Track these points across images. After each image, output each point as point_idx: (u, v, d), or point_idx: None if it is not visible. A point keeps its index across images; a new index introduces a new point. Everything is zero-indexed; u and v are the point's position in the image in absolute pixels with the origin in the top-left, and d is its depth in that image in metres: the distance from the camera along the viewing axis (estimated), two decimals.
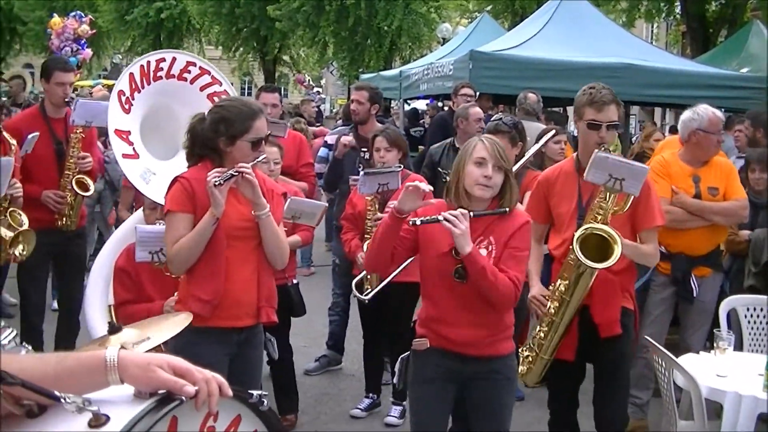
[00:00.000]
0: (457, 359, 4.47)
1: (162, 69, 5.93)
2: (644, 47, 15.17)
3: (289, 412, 6.68)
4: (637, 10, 24.01)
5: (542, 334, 5.13)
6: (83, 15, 25.84)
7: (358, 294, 6.54)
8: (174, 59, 6.00)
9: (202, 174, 4.53)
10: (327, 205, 6.96)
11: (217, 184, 4.37)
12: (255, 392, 2.19)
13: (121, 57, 47.11)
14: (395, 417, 6.87)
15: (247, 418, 2.21)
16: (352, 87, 9.22)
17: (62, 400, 1.85)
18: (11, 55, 45.62)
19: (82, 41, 25.25)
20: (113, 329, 3.05)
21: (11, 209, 6.41)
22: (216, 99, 5.84)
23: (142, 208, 6.00)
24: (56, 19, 26.16)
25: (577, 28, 13.74)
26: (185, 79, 6.03)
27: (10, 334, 3.68)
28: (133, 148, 5.80)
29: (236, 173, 4.43)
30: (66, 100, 7.10)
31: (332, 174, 7.92)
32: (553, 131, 6.82)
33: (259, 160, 4.62)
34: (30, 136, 6.86)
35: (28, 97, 16.14)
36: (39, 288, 7.44)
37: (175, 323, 3.52)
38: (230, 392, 2.01)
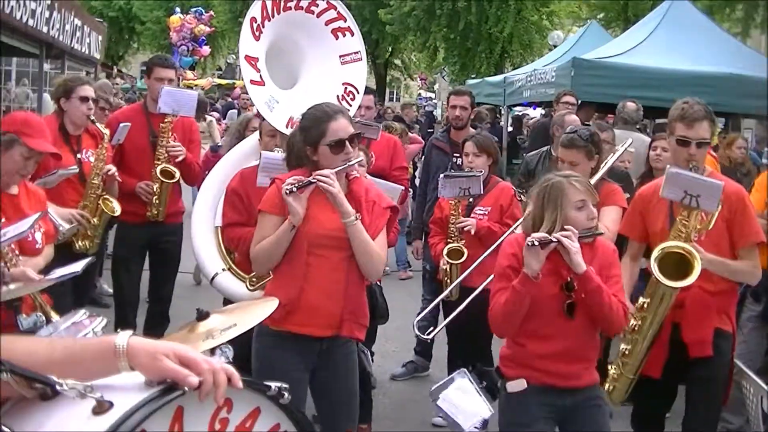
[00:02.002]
0: (557, 394, 4.36)
1: (292, 0, 5.95)
2: (757, 58, 14.57)
3: (362, 420, 6.60)
4: (752, 20, 23.25)
5: (626, 352, 4.97)
6: (203, 11, 26.35)
7: (418, 333, 6.43)
8: None
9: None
10: (403, 188, 6.83)
11: (288, 191, 4.27)
12: (274, 384, 2.12)
13: (235, 57, 47.92)
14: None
15: (268, 411, 2.14)
16: (450, 92, 9.10)
17: (57, 386, 1.84)
18: (129, 53, 46.89)
19: (201, 39, 25.77)
20: (201, 315, 3.01)
21: (104, 197, 6.53)
22: (340, 34, 5.98)
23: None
24: (175, 17, 26.78)
25: (684, 35, 13.35)
26: (312, 12, 6.04)
27: (100, 323, 3.74)
28: (260, 75, 5.84)
29: (312, 181, 4.31)
30: None
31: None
32: (630, 141, 6.61)
33: (350, 163, 4.44)
34: (121, 126, 7.00)
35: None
36: (133, 280, 7.54)
37: (263, 310, 3.41)
38: (240, 384, 1.96)
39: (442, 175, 6.44)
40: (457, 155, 7.23)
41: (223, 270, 5.86)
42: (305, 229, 4.40)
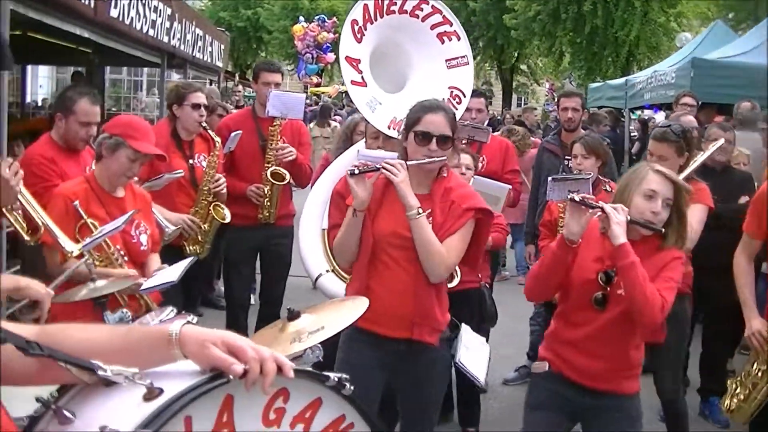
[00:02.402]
0: (575, 389, 4.20)
1: (395, 3, 5.97)
2: None
3: (470, 424, 6.55)
4: None
5: (759, 373, 4.74)
6: (326, 19, 26.64)
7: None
8: None
9: None
10: (510, 187, 6.74)
11: (351, 173, 4.20)
12: (334, 374, 2.09)
13: None
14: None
15: (330, 401, 2.12)
16: (560, 94, 8.97)
17: (100, 371, 1.88)
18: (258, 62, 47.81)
19: (325, 46, 26.01)
20: (292, 315, 3.03)
21: (215, 203, 6.66)
22: (446, 39, 5.96)
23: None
24: (298, 26, 27.16)
25: None
26: (417, 17, 6.05)
27: (191, 320, 3.80)
28: (362, 77, 5.87)
29: (378, 167, 4.19)
30: None
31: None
32: (720, 141, 6.38)
33: (429, 161, 4.28)
34: (233, 134, 7.13)
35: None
36: (244, 283, 7.69)
37: (353, 310, 3.38)
38: (291, 373, 1.94)
39: (550, 178, 6.32)
40: (569, 158, 7.09)
41: (327, 271, 5.89)
42: (373, 225, 4.33)
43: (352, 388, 2.11)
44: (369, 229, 4.33)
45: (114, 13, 8.84)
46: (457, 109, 5.85)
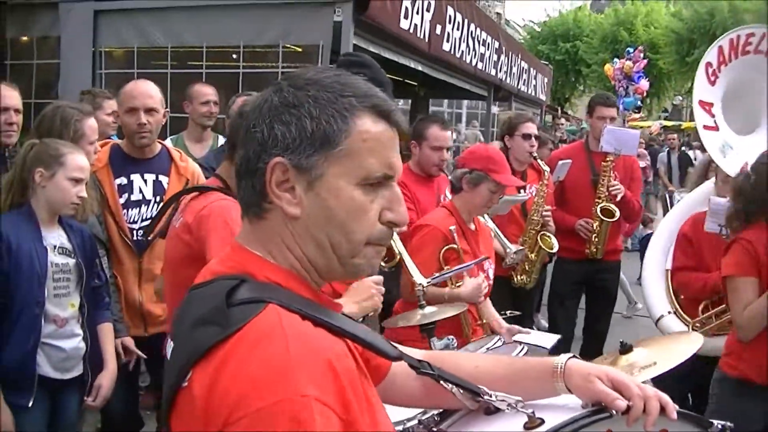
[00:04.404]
0: None
1: (751, 44, 5.87)
2: None
3: None
4: None
5: None
6: (632, 50, 26.07)
7: None
8: (765, 35, 5.89)
9: (763, 234, 4.23)
10: None
11: None
12: (719, 422, 1.99)
13: (681, 98, 46.85)
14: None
15: None
16: None
17: (486, 396, 1.91)
18: (575, 96, 47.55)
19: (637, 75, 25.41)
20: (624, 348, 2.93)
21: (542, 233, 6.62)
22: None
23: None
24: (609, 65, 26.85)
25: None
26: None
27: (521, 350, 3.77)
28: (714, 121, 5.80)
29: None
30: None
31: None
32: None
33: None
34: (560, 163, 7.10)
35: None
36: (568, 315, 7.62)
37: (688, 348, 3.23)
38: (674, 414, 1.85)
39: None
40: None
41: (669, 313, 5.75)
42: None
43: None
44: None
45: (446, 47, 9.07)
46: None
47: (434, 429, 2.03)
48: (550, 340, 4.57)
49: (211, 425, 1.37)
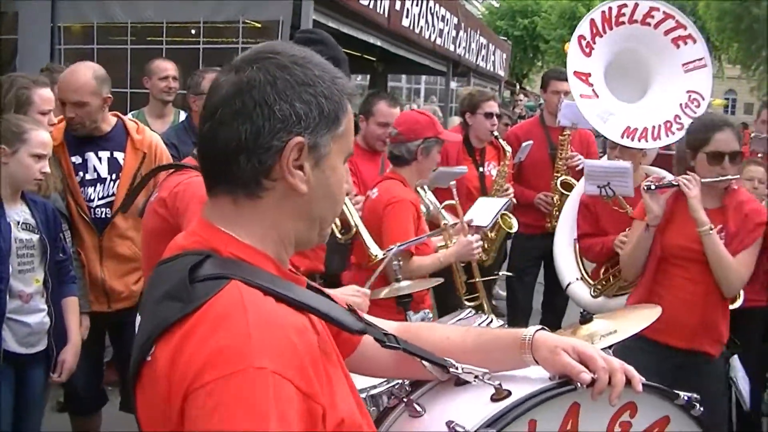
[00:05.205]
0: None
1: (624, 15, 6.02)
2: None
3: None
4: None
5: None
6: None
7: None
8: (636, 5, 6.03)
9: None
10: None
11: (647, 188, 4.32)
12: (684, 393, 2.04)
13: None
14: None
15: (678, 420, 2.06)
16: None
17: (452, 368, 1.95)
18: (534, 72, 47.67)
19: None
20: (585, 319, 3.01)
21: (503, 213, 6.67)
22: (681, 43, 5.98)
23: None
24: (568, 44, 27.08)
25: None
26: (648, 24, 6.06)
27: (486, 320, 3.84)
28: (593, 89, 5.96)
29: (674, 183, 4.32)
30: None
31: None
32: None
33: (723, 179, 4.34)
34: (523, 145, 7.17)
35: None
36: (526, 290, 7.69)
37: (646, 317, 3.35)
38: (639, 387, 1.88)
39: None
40: None
41: (577, 279, 5.96)
42: (663, 237, 4.45)
43: (701, 409, 2.05)
44: (658, 242, 4.47)
45: (405, 22, 9.09)
46: (695, 113, 5.84)
47: (404, 399, 2.06)
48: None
49: (173, 397, 1.41)
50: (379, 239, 4.49)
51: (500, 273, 7.62)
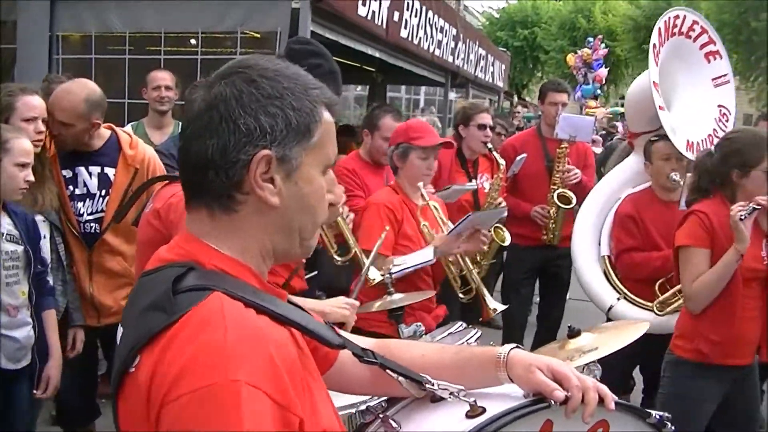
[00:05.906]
0: None
1: (677, 26, 6.06)
2: None
3: None
4: None
5: None
6: (592, 40, 26.34)
7: None
8: (684, 17, 6.08)
9: (718, 208, 4.37)
10: None
11: (742, 218, 4.15)
12: (656, 412, 2.04)
13: None
14: None
15: None
16: None
17: (428, 384, 1.96)
18: (533, 82, 47.69)
19: (596, 63, 25.63)
20: (572, 333, 3.03)
21: (496, 225, 6.68)
22: (711, 58, 6.05)
23: None
24: (570, 56, 27.09)
25: None
26: (690, 37, 6.12)
27: (475, 335, 3.85)
28: (662, 100, 5.83)
29: (758, 207, 4.18)
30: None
31: None
32: None
33: None
34: (518, 159, 7.18)
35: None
36: (522, 302, 7.71)
37: (633, 333, 3.34)
38: (612, 405, 1.90)
39: None
40: None
41: (618, 299, 5.80)
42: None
43: (673, 428, 2.06)
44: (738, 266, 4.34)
45: (404, 33, 9.11)
46: (726, 128, 5.87)
47: (380, 415, 2.08)
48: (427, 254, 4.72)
49: (152, 408, 1.43)
50: None
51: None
